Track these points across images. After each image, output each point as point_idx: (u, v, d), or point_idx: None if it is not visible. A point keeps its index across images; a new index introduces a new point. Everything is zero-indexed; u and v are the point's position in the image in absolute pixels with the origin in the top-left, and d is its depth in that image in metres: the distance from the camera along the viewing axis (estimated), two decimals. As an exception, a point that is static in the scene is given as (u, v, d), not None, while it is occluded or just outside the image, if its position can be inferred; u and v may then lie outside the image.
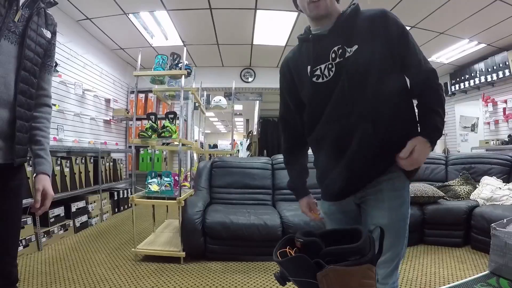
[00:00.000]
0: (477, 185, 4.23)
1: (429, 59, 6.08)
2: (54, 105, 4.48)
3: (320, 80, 1.30)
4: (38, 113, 1.53)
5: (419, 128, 1.27)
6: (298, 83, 1.42)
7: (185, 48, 3.85)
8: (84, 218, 4.69)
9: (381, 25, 1.24)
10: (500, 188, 3.90)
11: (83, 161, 4.91)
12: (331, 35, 1.29)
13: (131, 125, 7.34)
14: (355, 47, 1.23)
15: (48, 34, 1.50)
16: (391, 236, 1.23)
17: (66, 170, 4.42)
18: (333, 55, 1.26)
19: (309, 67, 1.33)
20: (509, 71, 5.94)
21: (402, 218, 1.31)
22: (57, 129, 4.70)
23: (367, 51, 1.23)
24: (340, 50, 1.25)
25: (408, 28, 5.02)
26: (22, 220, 3.39)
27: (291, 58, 1.47)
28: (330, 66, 1.27)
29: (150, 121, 3.69)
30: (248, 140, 9.20)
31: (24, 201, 1.55)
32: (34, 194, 1.44)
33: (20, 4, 1.33)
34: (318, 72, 1.30)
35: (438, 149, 8.19)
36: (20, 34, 1.34)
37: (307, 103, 1.40)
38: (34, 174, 1.49)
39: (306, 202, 1.56)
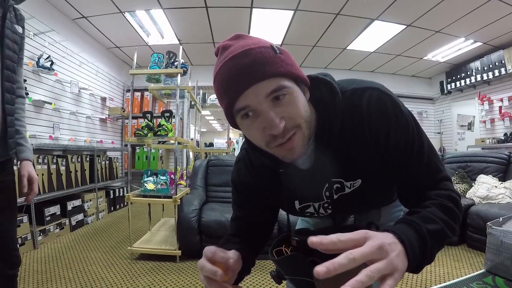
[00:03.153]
0: (473, 184, 4.25)
1: (425, 58, 6.09)
2: (50, 103, 4.47)
3: (315, 216, 1.04)
4: (15, 104, 1.58)
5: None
6: (273, 201, 1.06)
7: (181, 47, 3.85)
8: (80, 216, 4.68)
9: (386, 140, 0.82)
10: (496, 186, 3.91)
11: (79, 159, 4.89)
12: (316, 169, 0.90)
13: (127, 123, 7.32)
14: (358, 181, 0.90)
15: (20, 30, 1.54)
16: None
17: (62, 168, 4.40)
18: (327, 194, 0.95)
19: (296, 203, 1.02)
20: (505, 70, 5.97)
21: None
22: (53, 127, 4.67)
23: (372, 185, 0.92)
24: (337, 186, 0.93)
25: (403, 26, 4.96)
26: (18, 218, 3.41)
27: (255, 184, 1.02)
28: (326, 205, 0.98)
29: (146, 120, 3.67)
30: (244, 138, 9.20)
31: (20, 199, 1.66)
32: (20, 180, 1.55)
33: None
34: (311, 210, 1.01)
35: (435, 148, 8.21)
36: None
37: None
38: (18, 162, 1.60)
39: (237, 255, 0.83)
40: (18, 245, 1.64)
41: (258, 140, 0.77)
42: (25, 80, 3.90)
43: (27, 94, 3.91)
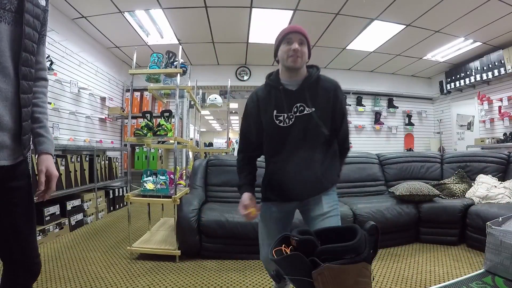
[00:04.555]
0: (472, 184, 4.24)
1: (424, 58, 6.17)
2: (50, 103, 4.46)
3: (281, 124, 1.71)
4: (35, 87, 1.37)
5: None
6: (263, 118, 1.77)
7: (180, 47, 3.84)
8: (79, 216, 4.67)
9: (332, 99, 1.71)
10: (495, 186, 3.91)
11: (79, 159, 4.89)
12: (297, 93, 1.69)
13: (126, 123, 7.32)
14: (313, 109, 1.67)
15: (43, 2, 1.32)
16: (337, 215, 1.75)
17: (62, 168, 4.39)
18: (295, 110, 1.69)
19: (275, 111, 1.71)
20: (505, 70, 5.98)
21: (337, 209, 1.78)
22: (52, 127, 4.67)
23: (319, 114, 1.67)
24: (301, 107, 1.68)
25: (403, 26, 5.04)
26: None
27: (261, 96, 1.79)
28: (291, 116, 1.69)
29: (145, 120, 3.67)
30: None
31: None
32: (37, 176, 1.34)
33: None
34: (281, 118, 1.71)
35: (434, 148, 8.23)
36: (15, 10, 1.17)
37: (268, 135, 1.79)
38: (36, 155, 1.38)
39: (249, 196, 1.87)
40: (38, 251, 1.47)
41: (286, 52, 1.65)
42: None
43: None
